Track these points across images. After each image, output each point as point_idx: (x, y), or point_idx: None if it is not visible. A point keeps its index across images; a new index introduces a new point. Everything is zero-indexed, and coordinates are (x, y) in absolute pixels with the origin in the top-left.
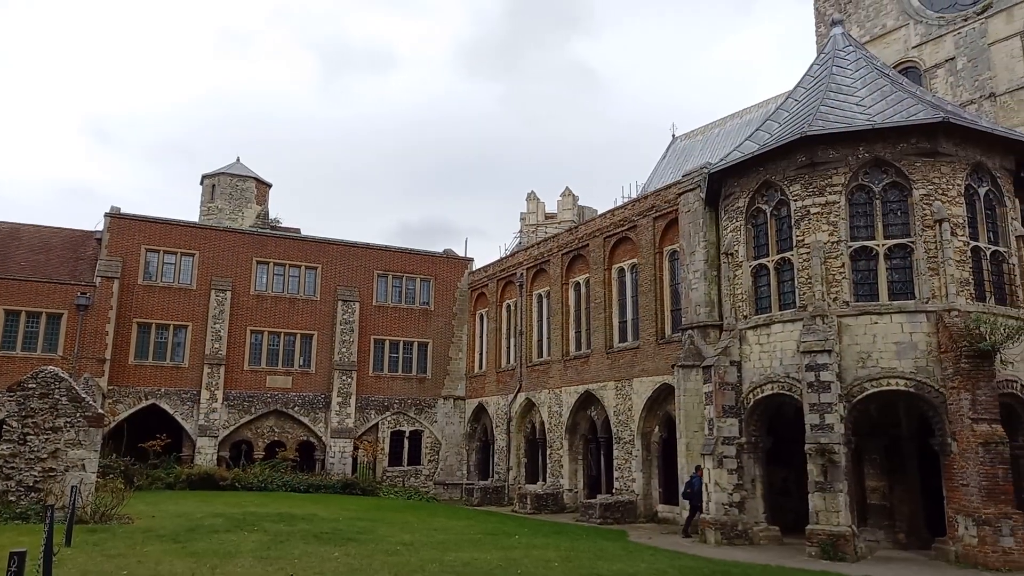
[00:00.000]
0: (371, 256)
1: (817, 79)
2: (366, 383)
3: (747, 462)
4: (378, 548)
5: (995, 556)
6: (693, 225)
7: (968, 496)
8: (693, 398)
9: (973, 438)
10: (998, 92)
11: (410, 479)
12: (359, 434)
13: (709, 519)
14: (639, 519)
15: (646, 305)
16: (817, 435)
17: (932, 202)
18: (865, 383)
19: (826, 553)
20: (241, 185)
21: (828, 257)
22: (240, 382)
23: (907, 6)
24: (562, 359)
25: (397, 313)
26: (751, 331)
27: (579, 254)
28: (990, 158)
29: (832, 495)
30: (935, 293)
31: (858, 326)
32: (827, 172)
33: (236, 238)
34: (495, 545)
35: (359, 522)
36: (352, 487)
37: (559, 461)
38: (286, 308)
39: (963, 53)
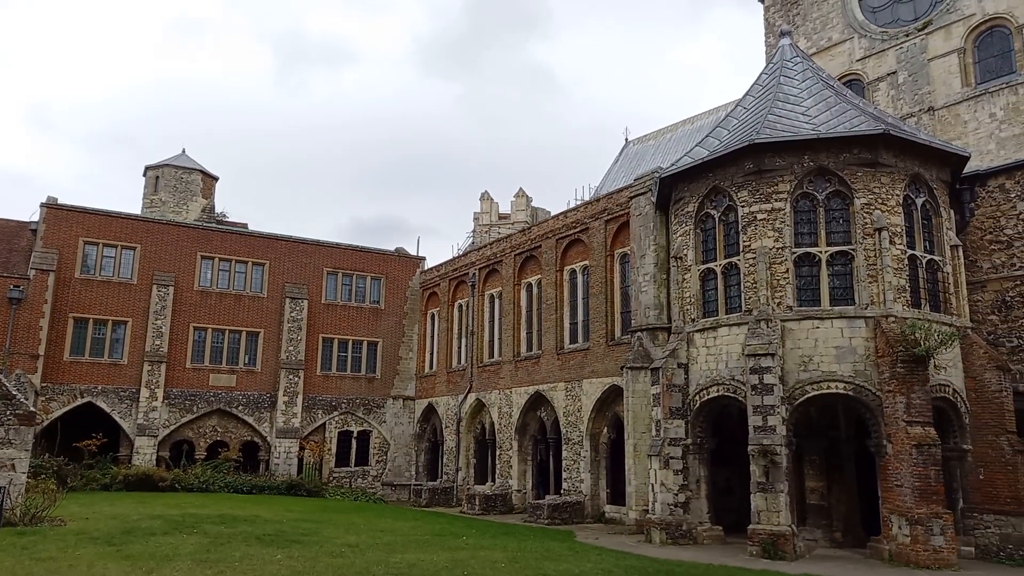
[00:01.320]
0: (321, 253)
1: (765, 88)
2: (314, 382)
3: (692, 463)
4: (323, 550)
5: (926, 554)
6: (644, 229)
7: (902, 496)
8: (641, 399)
9: (907, 440)
10: (936, 106)
11: (357, 480)
12: (305, 434)
13: (655, 519)
14: (587, 519)
15: (597, 307)
16: (760, 436)
17: (872, 211)
18: (807, 386)
19: (767, 552)
20: (186, 177)
21: (773, 262)
22: (182, 380)
23: (852, 20)
24: (513, 360)
25: (347, 311)
26: (698, 334)
27: (532, 255)
28: (928, 170)
29: (773, 495)
30: (874, 299)
31: (801, 330)
32: (773, 179)
33: (180, 232)
34: (442, 546)
35: (304, 524)
36: (297, 488)
37: (508, 462)
38: (231, 305)
39: (904, 68)
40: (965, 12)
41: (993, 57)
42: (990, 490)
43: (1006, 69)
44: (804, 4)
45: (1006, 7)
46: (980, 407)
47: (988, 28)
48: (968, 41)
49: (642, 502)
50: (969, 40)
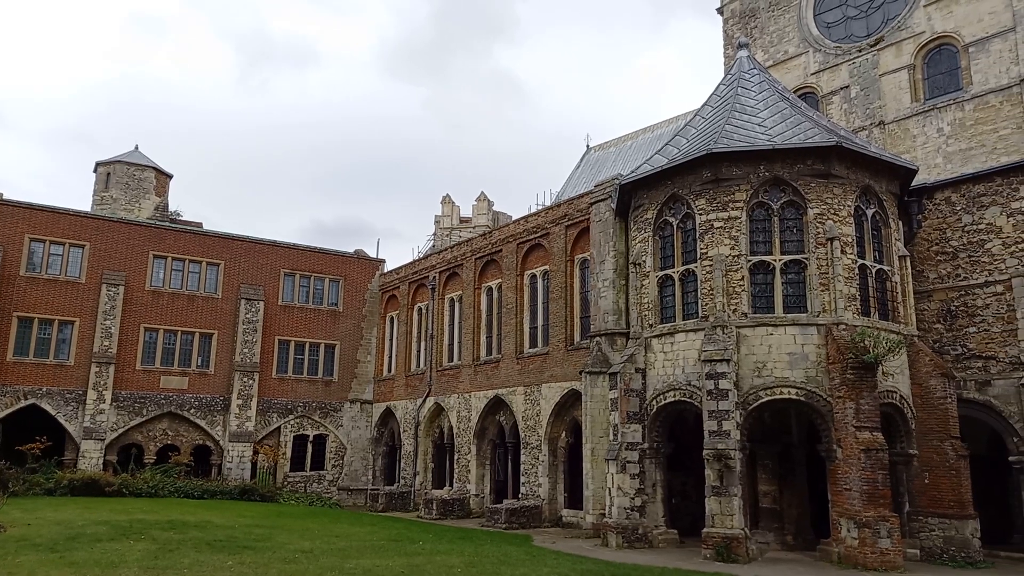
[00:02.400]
0: (278, 254)
1: (723, 99)
2: (269, 385)
3: (649, 467)
4: (275, 556)
5: (873, 557)
6: (604, 235)
7: (850, 500)
8: (599, 404)
9: (856, 445)
10: (887, 120)
11: (313, 485)
12: (260, 438)
13: (611, 523)
14: (544, 524)
15: (557, 312)
16: (715, 441)
17: (825, 221)
18: (760, 391)
19: (720, 555)
20: (139, 175)
21: (729, 270)
22: (131, 382)
23: (807, 35)
24: (473, 364)
25: (304, 314)
26: (656, 339)
27: (492, 259)
28: (878, 182)
29: (727, 499)
30: (825, 307)
31: (755, 337)
32: (730, 188)
33: (131, 230)
34: (398, 552)
35: (256, 529)
36: (250, 493)
37: (467, 466)
38: (184, 305)
39: (857, 82)
40: (915, 30)
41: (941, 74)
42: (935, 494)
43: (953, 86)
44: (762, 18)
45: (954, 26)
46: (926, 413)
47: (937, 46)
48: (918, 58)
49: (599, 506)
50: (919, 57)
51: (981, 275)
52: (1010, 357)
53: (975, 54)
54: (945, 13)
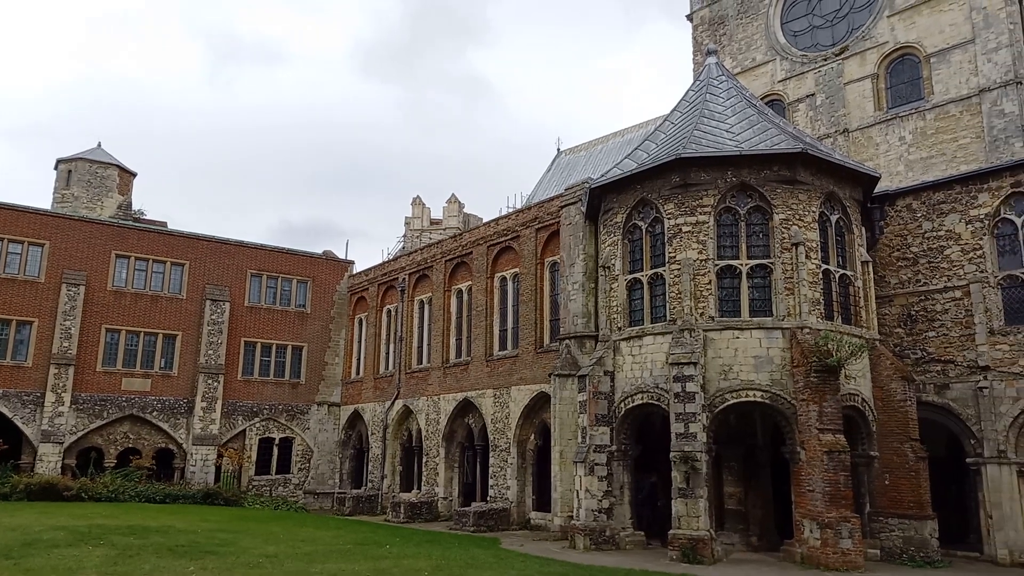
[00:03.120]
0: (245, 254)
1: (692, 104)
2: (234, 387)
3: (617, 469)
4: (239, 561)
5: (835, 557)
6: (573, 238)
7: (813, 501)
8: (568, 407)
9: (819, 447)
10: (851, 128)
11: (278, 488)
12: (224, 441)
13: (579, 525)
14: (512, 526)
15: (526, 314)
16: (681, 443)
17: (790, 226)
18: (726, 394)
19: (686, 556)
20: (101, 172)
21: (697, 274)
22: (92, 384)
23: (775, 43)
24: (442, 366)
25: (271, 315)
26: (625, 342)
27: (462, 261)
28: (842, 188)
29: (693, 501)
30: (790, 311)
31: (722, 340)
32: (698, 193)
33: (93, 229)
34: (365, 555)
35: (220, 534)
36: (214, 497)
37: (435, 469)
38: (148, 306)
39: (822, 90)
40: (879, 40)
41: (904, 83)
42: (895, 495)
43: (915, 95)
44: (730, 25)
45: (916, 37)
46: (886, 415)
47: (899, 56)
48: (881, 68)
49: (567, 508)
50: (882, 67)
51: (940, 281)
52: (968, 361)
53: (936, 65)
54: (908, 24)
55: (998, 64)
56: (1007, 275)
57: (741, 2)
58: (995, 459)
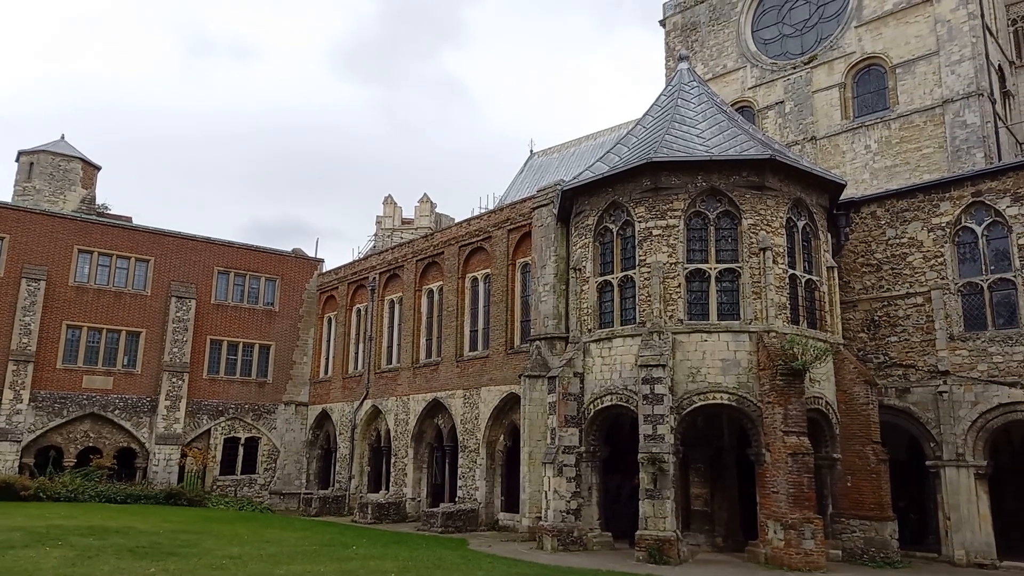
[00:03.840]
0: (212, 251)
1: (664, 109)
2: (199, 386)
3: (585, 470)
4: (201, 563)
5: (798, 558)
6: (545, 239)
7: (778, 502)
8: (538, 408)
9: (784, 449)
10: (819, 136)
11: (244, 489)
12: (188, 441)
13: (547, 526)
14: (481, 527)
15: (497, 315)
16: (649, 445)
17: (758, 232)
18: (694, 396)
19: (652, 557)
20: (65, 165)
21: (666, 277)
22: (51, 382)
23: (746, 50)
24: (412, 366)
25: (238, 313)
26: (595, 344)
27: (434, 261)
28: (809, 195)
29: (660, 502)
30: (757, 315)
31: (690, 343)
32: (669, 197)
33: (55, 223)
34: (331, 557)
35: (182, 535)
36: (177, 497)
37: (403, 470)
38: (111, 302)
39: (791, 98)
40: (846, 49)
41: (870, 93)
42: (856, 496)
43: (881, 105)
44: (703, 31)
45: (882, 48)
46: (849, 418)
47: (866, 66)
48: (848, 77)
49: (536, 509)
50: (849, 76)
51: (903, 287)
52: (928, 366)
53: (902, 75)
54: (875, 35)
55: (961, 76)
56: (967, 282)
57: (713, 9)
58: (954, 462)
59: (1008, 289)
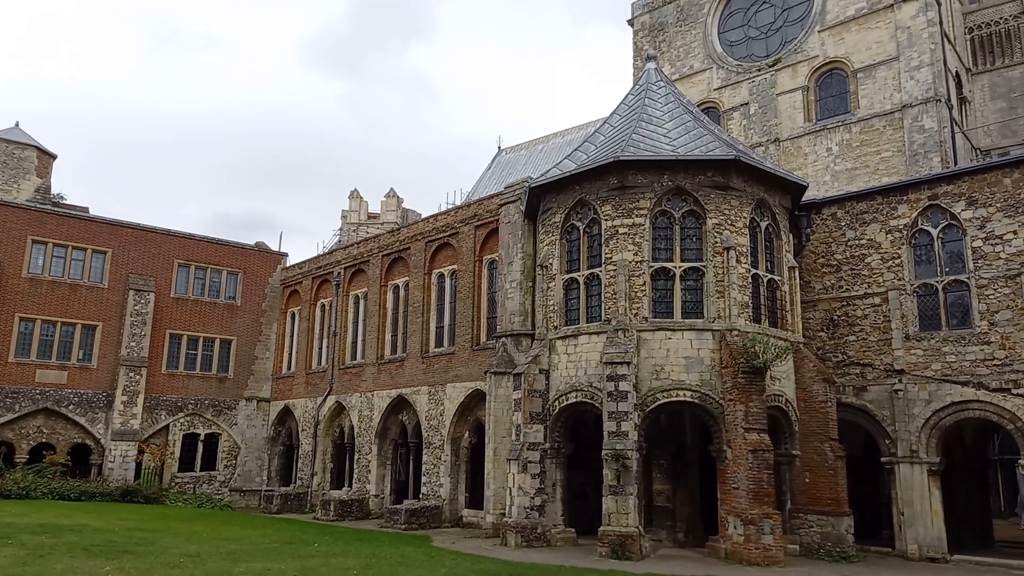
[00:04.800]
0: (172, 243)
1: (631, 108)
2: (157, 381)
3: (549, 467)
4: (158, 561)
5: (757, 552)
6: (512, 236)
7: (738, 498)
8: (503, 404)
9: (745, 446)
10: (782, 138)
11: (203, 486)
12: (146, 437)
13: (511, 523)
14: (444, 524)
15: (464, 311)
16: (613, 441)
17: (722, 231)
18: (658, 393)
19: (615, 553)
20: (19, 153)
21: (632, 275)
22: (3, 376)
23: (712, 52)
24: (376, 362)
25: (199, 307)
26: (560, 341)
27: (400, 256)
28: (772, 196)
29: (623, 498)
30: (720, 314)
31: (655, 341)
32: (635, 196)
33: (8, 212)
34: (292, 554)
35: (138, 533)
36: (134, 495)
37: (367, 466)
38: (66, 295)
39: (756, 100)
40: (810, 53)
41: (832, 97)
42: (814, 492)
43: (842, 108)
44: (670, 32)
45: (844, 52)
46: (808, 416)
47: (829, 70)
48: (811, 80)
49: (500, 506)
50: (812, 79)
51: (861, 287)
52: (884, 365)
53: (863, 80)
54: (837, 39)
55: (920, 82)
56: (922, 283)
57: (681, 10)
58: (908, 459)
59: (962, 291)
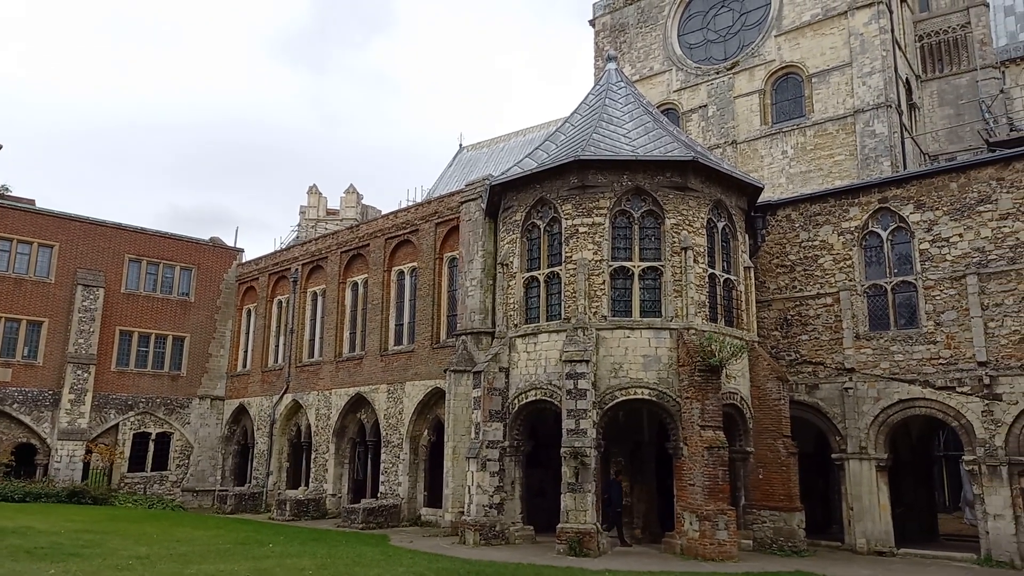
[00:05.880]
0: (123, 238)
1: (592, 108)
2: (107, 379)
3: (509, 465)
4: (106, 563)
5: (712, 548)
6: (473, 234)
7: (694, 495)
8: (463, 402)
9: (701, 443)
10: (739, 140)
11: (154, 486)
12: (94, 436)
13: (470, 521)
14: (403, 523)
15: (423, 309)
16: (572, 439)
17: (680, 231)
18: (616, 391)
19: (573, 550)
20: None
21: (592, 274)
22: None
23: (672, 54)
24: (334, 360)
25: (150, 303)
26: (520, 339)
27: (359, 253)
28: (729, 197)
29: (582, 495)
30: (678, 313)
31: (613, 339)
32: (595, 195)
33: None
34: (245, 555)
35: (86, 535)
36: (81, 496)
37: (324, 465)
38: (10, 290)
39: (714, 102)
40: (766, 57)
41: (788, 100)
42: (767, 488)
43: (797, 112)
44: (631, 33)
45: (800, 57)
46: (762, 413)
47: (785, 74)
48: (768, 84)
49: (459, 504)
50: (769, 83)
51: (814, 288)
52: (836, 363)
53: (817, 84)
54: (793, 44)
55: (871, 87)
56: (872, 284)
57: (641, 12)
58: (857, 455)
59: (909, 291)
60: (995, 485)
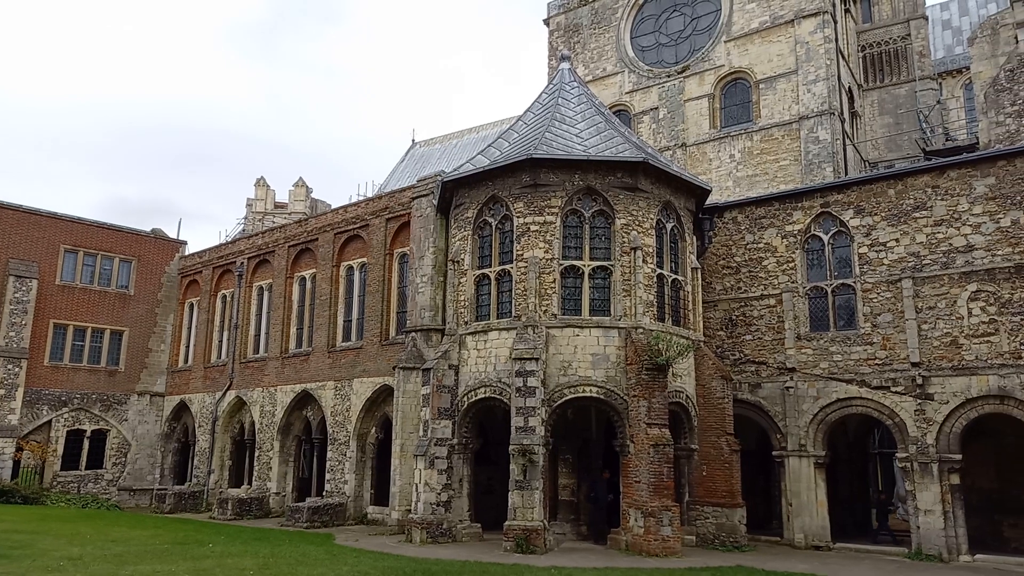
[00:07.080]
0: (58, 227)
1: (545, 107)
2: (39, 374)
3: (457, 462)
4: (35, 565)
5: (656, 544)
6: (424, 230)
7: (639, 491)
8: (411, 400)
9: (647, 440)
10: (689, 143)
11: (89, 485)
12: (25, 433)
13: (417, 519)
14: (348, 521)
15: (373, 305)
16: (521, 437)
17: (630, 232)
18: (565, 389)
19: (520, 547)
20: None
21: (542, 272)
22: None
23: (624, 56)
24: (281, 356)
25: (87, 296)
26: (470, 337)
27: (307, 248)
28: (678, 199)
29: (529, 493)
30: (626, 312)
31: (563, 337)
32: (547, 194)
33: None
34: (184, 555)
35: (15, 535)
36: (10, 495)
37: (268, 463)
38: None
39: (664, 105)
40: (716, 62)
41: (736, 105)
42: (711, 485)
43: (745, 117)
44: (585, 34)
45: (748, 63)
46: (706, 411)
47: (733, 79)
48: (717, 89)
49: (406, 502)
50: (718, 88)
51: (758, 289)
52: (778, 363)
53: (764, 90)
54: (742, 50)
55: (816, 95)
56: (813, 286)
57: (595, 13)
58: (796, 452)
59: (848, 294)
60: (926, 482)
